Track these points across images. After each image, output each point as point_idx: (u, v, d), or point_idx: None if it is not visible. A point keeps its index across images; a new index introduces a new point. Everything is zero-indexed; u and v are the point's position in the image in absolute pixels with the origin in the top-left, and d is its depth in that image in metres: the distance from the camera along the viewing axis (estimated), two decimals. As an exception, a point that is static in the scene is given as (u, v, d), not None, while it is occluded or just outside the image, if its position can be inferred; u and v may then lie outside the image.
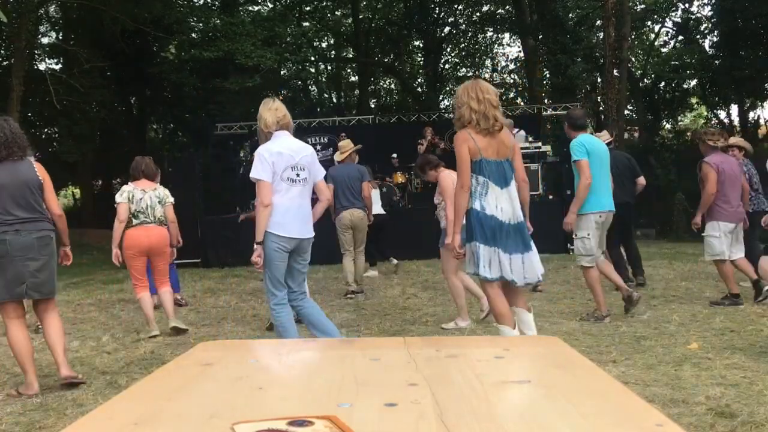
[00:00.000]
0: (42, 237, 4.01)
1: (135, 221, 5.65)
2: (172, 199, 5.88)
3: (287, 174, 4.12)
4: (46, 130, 21.13)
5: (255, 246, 4.05)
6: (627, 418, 1.02)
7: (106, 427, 1.01)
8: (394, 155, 13.28)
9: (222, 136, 15.74)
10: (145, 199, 5.66)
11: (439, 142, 12.95)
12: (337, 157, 7.80)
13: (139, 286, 5.70)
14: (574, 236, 5.58)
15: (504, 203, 3.80)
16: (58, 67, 20.35)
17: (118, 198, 5.70)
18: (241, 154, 14.08)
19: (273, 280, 4.18)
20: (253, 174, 4.07)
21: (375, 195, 8.51)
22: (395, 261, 9.27)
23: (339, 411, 1.02)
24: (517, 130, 12.12)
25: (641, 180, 7.31)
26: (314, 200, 4.45)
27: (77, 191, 23.87)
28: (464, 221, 3.91)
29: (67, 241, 4.33)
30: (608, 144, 7.37)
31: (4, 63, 18.67)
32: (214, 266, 11.05)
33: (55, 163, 20.14)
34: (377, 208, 8.59)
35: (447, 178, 5.62)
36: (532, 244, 3.93)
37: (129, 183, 5.83)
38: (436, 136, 13.02)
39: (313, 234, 4.28)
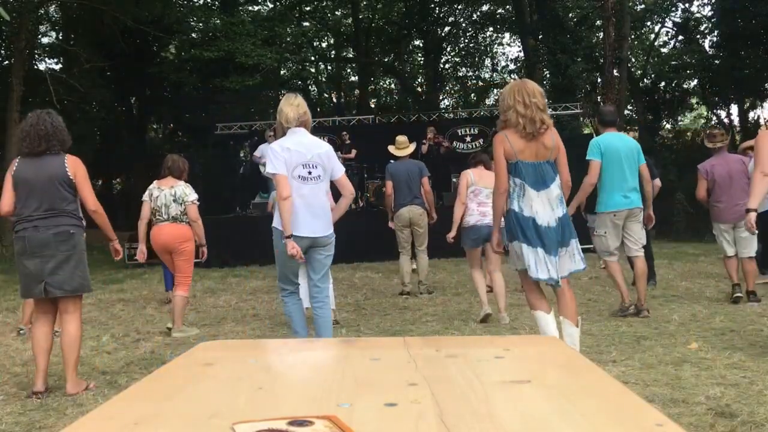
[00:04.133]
0: (59, 233, 3.84)
1: (154, 219, 5.71)
2: (192, 198, 5.69)
3: (298, 172, 4.07)
4: (46, 129, 21.10)
5: (285, 241, 3.98)
6: (627, 417, 1.02)
7: (106, 427, 1.01)
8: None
9: (222, 136, 15.73)
10: (160, 198, 5.67)
11: (442, 141, 12.94)
12: (396, 152, 7.44)
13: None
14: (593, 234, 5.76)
15: (539, 206, 3.79)
16: (58, 67, 20.35)
17: (143, 197, 5.82)
18: (241, 154, 14.06)
19: (280, 275, 4.27)
20: (269, 169, 4.04)
21: None
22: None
23: (339, 411, 1.02)
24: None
25: (656, 182, 6.96)
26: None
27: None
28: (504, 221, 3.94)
29: (112, 236, 4.22)
30: None
31: (4, 63, 18.66)
32: (215, 266, 11.01)
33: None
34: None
35: (462, 177, 5.96)
36: (572, 240, 3.88)
37: (154, 181, 5.87)
38: (439, 135, 13.03)
39: (328, 232, 4.17)
